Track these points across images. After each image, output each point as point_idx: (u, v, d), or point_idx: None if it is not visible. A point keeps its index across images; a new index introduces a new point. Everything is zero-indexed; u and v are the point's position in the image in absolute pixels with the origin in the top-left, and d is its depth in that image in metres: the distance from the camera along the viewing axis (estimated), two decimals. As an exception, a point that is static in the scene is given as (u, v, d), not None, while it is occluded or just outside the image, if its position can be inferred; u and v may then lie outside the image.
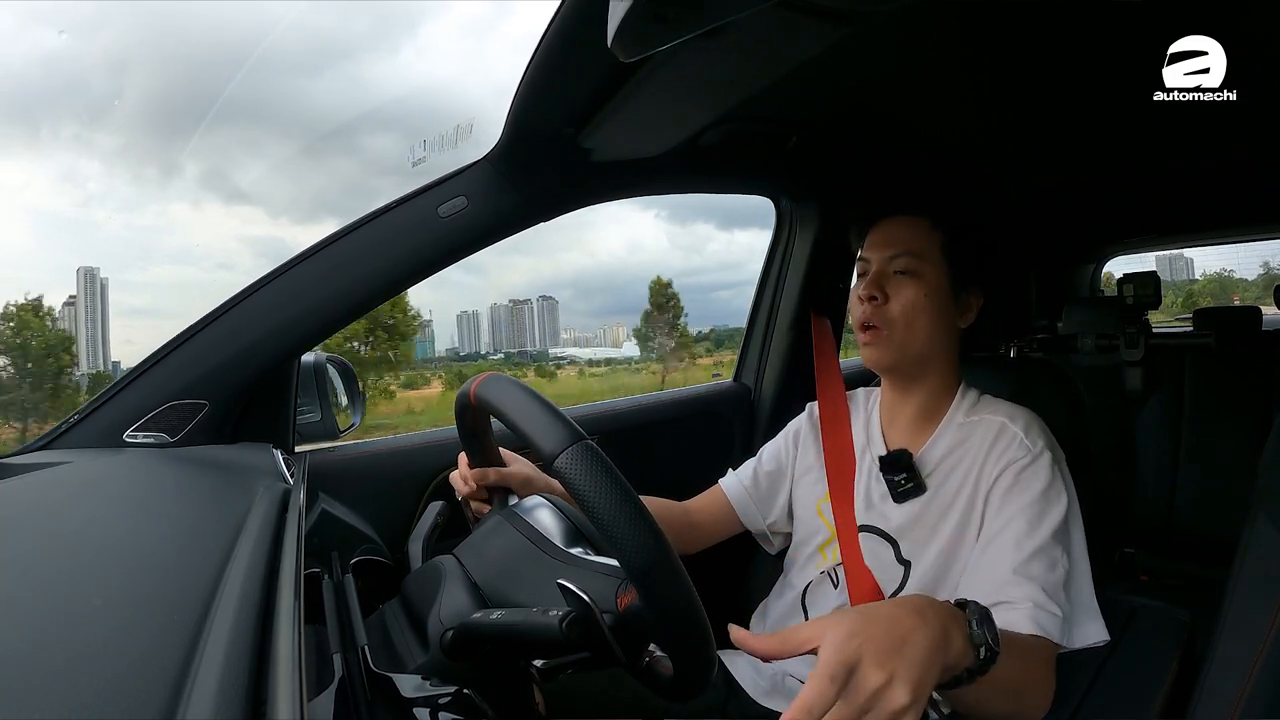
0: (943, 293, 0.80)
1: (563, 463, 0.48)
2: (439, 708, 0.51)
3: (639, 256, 45.53)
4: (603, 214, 51.79)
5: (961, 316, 0.82)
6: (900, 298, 0.79)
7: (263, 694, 0.30)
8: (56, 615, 0.34)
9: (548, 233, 44.29)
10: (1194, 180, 1.43)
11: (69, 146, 41.77)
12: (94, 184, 42.15)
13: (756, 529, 0.96)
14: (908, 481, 0.80)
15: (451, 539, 0.68)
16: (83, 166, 41.90)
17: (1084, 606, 0.72)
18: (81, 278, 20.12)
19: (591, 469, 0.47)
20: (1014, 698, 0.61)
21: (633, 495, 0.47)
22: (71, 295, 19.70)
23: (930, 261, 0.80)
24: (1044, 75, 0.87)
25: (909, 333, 0.79)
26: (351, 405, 1.05)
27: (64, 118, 42.55)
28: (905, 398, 0.86)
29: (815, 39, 0.62)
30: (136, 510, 0.58)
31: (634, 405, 1.33)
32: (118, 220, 43.20)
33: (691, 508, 0.96)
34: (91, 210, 42.57)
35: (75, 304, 19.63)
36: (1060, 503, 0.73)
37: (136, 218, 45.34)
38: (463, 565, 0.60)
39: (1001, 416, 0.79)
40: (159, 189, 44.73)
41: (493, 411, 0.57)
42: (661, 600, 0.47)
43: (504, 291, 40.78)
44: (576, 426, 0.49)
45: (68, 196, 44.11)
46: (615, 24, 0.48)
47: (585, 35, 0.60)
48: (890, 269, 0.80)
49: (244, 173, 46.59)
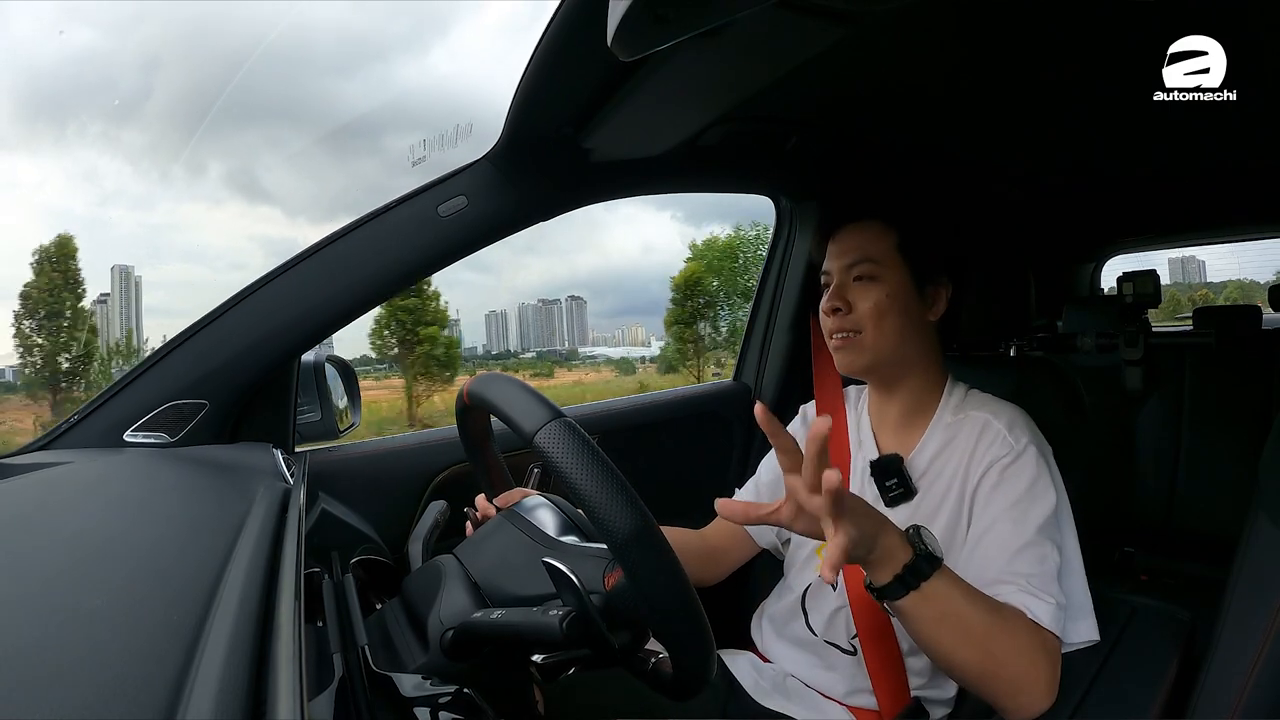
0: (905, 290, 0.80)
1: (542, 438, 0.49)
2: (439, 707, 0.51)
3: (653, 257, 45.53)
4: (617, 214, 51.52)
5: (930, 310, 0.82)
6: (863, 303, 0.80)
7: (263, 694, 0.30)
8: (56, 615, 0.34)
9: (559, 233, 43.28)
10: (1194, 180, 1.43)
11: (91, 143, 41.75)
12: (111, 182, 42.06)
13: (769, 542, 0.96)
14: (898, 487, 0.80)
15: (451, 539, 0.68)
16: (103, 164, 41.85)
17: (1076, 603, 0.71)
18: (116, 276, 20.01)
19: (570, 443, 0.48)
20: (984, 647, 0.61)
21: (612, 468, 0.48)
22: (103, 293, 19.58)
23: (887, 263, 0.80)
24: (1044, 75, 0.87)
25: (878, 335, 0.79)
26: (351, 405, 1.05)
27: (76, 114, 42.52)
28: (890, 398, 0.86)
29: (815, 39, 0.62)
30: (136, 510, 0.58)
31: (634, 405, 1.33)
32: (132, 219, 42.99)
33: (708, 534, 0.97)
34: (110, 209, 42.45)
35: (109, 302, 19.55)
36: (1047, 497, 0.72)
37: (147, 215, 45.10)
38: (463, 565, 0.60)
39: (986, 413, 0.79)
40: (176, 187, 44.62)
41: (480, 403, 0.59)
42: (644, 571, 0.47)
43: (518, 292, 40.68)
44: (554, 406, 0.51)
45: (85, 195, 44.11)
46: (615, 24, 0.48)
47: (585, 35, 0.60)
48: (849, 278, 0.81)
49: (267, 172, 46.28)
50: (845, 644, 0.82)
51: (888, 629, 0.78)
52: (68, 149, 39.97)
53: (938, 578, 0.60)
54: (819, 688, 0.83)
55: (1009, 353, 1.31)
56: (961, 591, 0.62)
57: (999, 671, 0.62)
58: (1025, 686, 0.62)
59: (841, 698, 0.81)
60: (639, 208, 49.49)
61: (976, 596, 0.63)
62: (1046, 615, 0.65)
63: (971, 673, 0.63)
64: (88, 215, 40.93)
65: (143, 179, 44.95)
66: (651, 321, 32.67)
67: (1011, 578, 0.67)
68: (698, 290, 15.24)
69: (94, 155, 40.99)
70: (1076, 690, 0.67)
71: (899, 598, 0.60)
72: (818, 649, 0.83)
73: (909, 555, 0.59)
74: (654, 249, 47.13)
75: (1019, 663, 0.62)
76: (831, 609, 0.83)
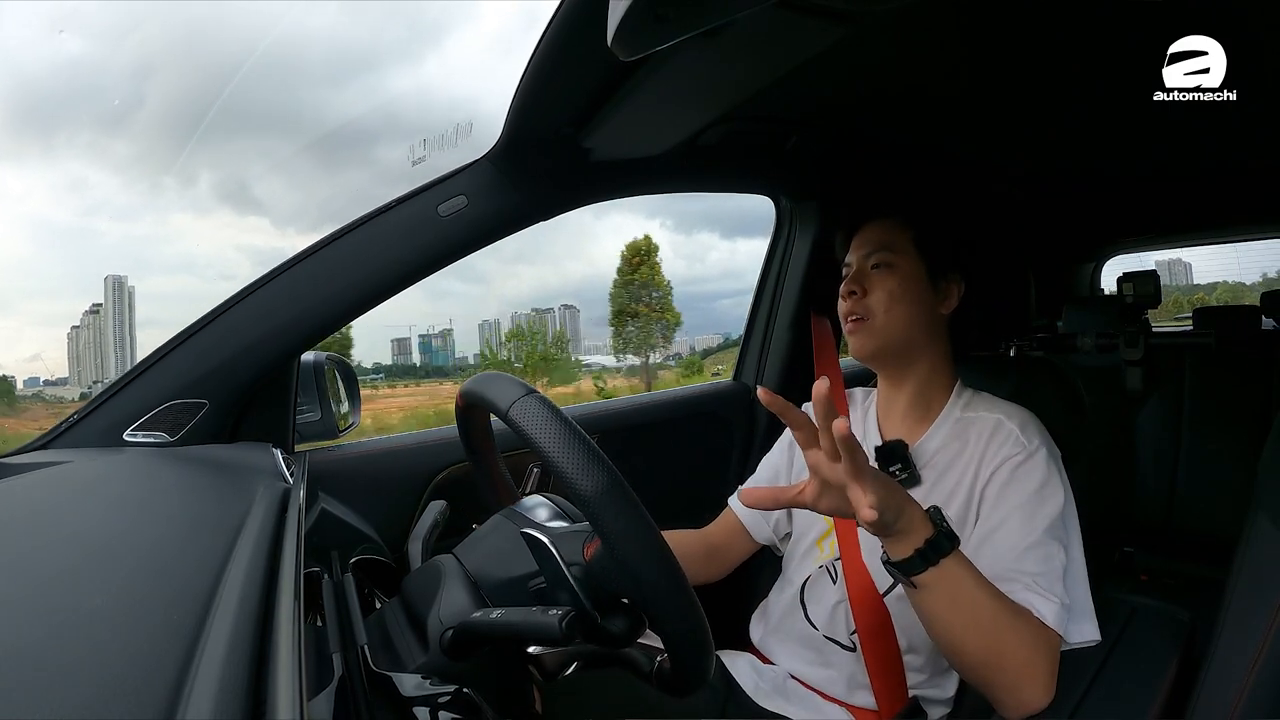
0: (919, 280, 0.83)
1: (515, 412, 0.51)
2: (439, 707, 0.51)
3: None
4: (606, 223, 51.29)
5: (942, 303, 0.85)
6: (878, 289, 0.83)
7: (262, 693, 0.30)
8: (56, 615, 0.34)
9: (548, 241, 43.60)
10: (1194, 180, 1.43)
11: (79, 153, 41.51)
12: (99, 191, 41.76)
13: (767, 539, 0.97)
14: (903, 472, 0.81)
15: (451, 538, 0.68)
16: (90, 174, 41.62)
17: (1078, 605, 0.72)
18: (109, 286, 19.57)
19: (539, 413, 0.50)
20: (989, 637, 0.62)
21: (580, 433, 0.49)
22: (95, 304, 19.18)
23: (903, 254, 0.84)
24: (1044, 75, 0.87)
25: (889, 319, 0.83)
26: (351, 405, 1.05)
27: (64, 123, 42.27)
28: (899, 388, 0.87)
29: (815, 39, 0.62)
30: (136, 510, 0.58)
31: (634, 405, 1.33)
32: (119, 229, 42.69)
33: (708, 533, 0.99)
34: (97, 219, 42.22)
35: (101, 312, 19.11)
36: (1056, 499, 0.73)
37: (134, 227, 44.74)
38: (462, 564, 0.60)
39: (998, 413, 0.80)
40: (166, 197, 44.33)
41: (467, 397, 0.61)
42: (613, 526, 0.47)
43: (508, 301, 40.58)
44: (527, 385, 0.53)
45: (71, 205, 43.91)
46: (615, 24, 0.48)
47: (585, 35, 0.60)
48: (868, 266, 0.85)
49: (259, 182, 45.96)
50: (845, 640, 0.82)
51: (887, 625, 0.79)
52: (56, 159, 39.72)
53: (955, 557, 0.61)
54: (818, 686, 0.83)
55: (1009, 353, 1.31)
56: (974, 577, 0.63)
57: (1002, 663, 0.63)
58: (1026, 681, 0.63)
59: (841, 696, 0.81)
60: (628, 215, 49.17)
61: (988, 584, 0.64)
62: (1051, 614, 0.66)
63: (975, 660, 0.63)
64: (74, 225, 40.69)
65: (131, 189, 44.73)
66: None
67: (1018, 575, 0.68)
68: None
69: (81, 165, 40.77)
70: (1076, 690, 0.67)
71: (919, 572, 0.60)
72: (817, 644, 0.84)
73: (930, 530, 0.60)
74: (644, 258, 47.12)
75: (1022, 655, 0.63)
76: (831, 603, 0.83)
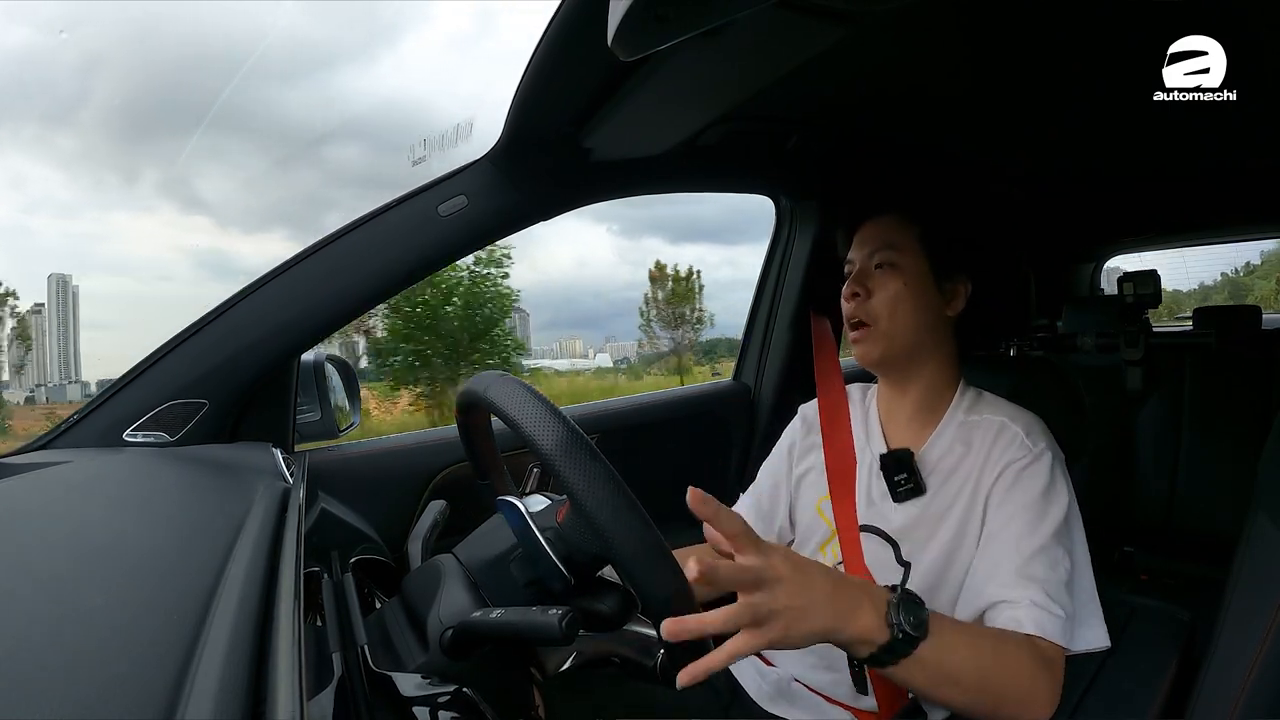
0: (924, 280, 0.80)
1: (491, 393, 0.54)
2: (438, 707, 0.52)
3: (587, 271, 45.48)
4: (551, 229, 51.33)
5: (948, 305, 0.82)
6: (882, 290, 0.81)
7: (262, 693, 0.30)
8: (56, 615, 0.34)
9: (494, 246, 44.10)
10: (1194, 180, 1.43)
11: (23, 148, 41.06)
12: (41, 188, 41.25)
13: (772, 539, 0.96)
14: (908, 482, 0.80)
15: (451, 538, 0.68)
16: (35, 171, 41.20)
17: (1085, 610, 0.71)
18: (52, 285, 19.19)
19: (508, 388, 0.53)
20: (979, 690, 0.60)
21: (545, 401, 0.51)
22: (38, 303, 18.53)
23: (908, 252, 0.81)
24: (1044, 75, 0.87)
25: (893, 323, 0.80)
26: (351, 404, 1.05)
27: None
28: (902, 393, 0.85)
29: (815, 39, 0.62)
30: (136, 510, 0.58)
31: (633, 405, 1.33)
32: (60, 227, 42.11)
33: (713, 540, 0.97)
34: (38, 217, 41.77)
35: (44, 312, 18.49)
36: (1061, 503, 0.72)
37: (74, 224, 44.07)
38: (462, 564, 0.60)
39: (1002, 416, 0.79)
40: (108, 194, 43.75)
41: (465, 396, 0.62)
42: (575, 479, 0.48)
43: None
44: (505, 372, 0.56)
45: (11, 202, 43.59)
46: (615, 24, 0.48)
47: (585, 35, 0.60)
48: (871, 265, 0.82)
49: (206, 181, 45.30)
50: None
51: None
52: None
53: (923, 647, 0.56)
54: (821, 689, 0.82)
55: (1009, 353, 1.31)
56: (951, 648, 0.58)
57: (1000, 704, 0.62)
58: (1027, 708, 0.62)
59: (844, 699, 0.81)
60: (575, 220, 49.16)
61: (969, 644, 0.61)
62: (1056, 630, 0.65)
63: (971, 710, 0.62)
64: (11, 222, 40.28)
65: (73, 185, 44.23)
66: (589, 334, 33.33)
67: (1023, 584, 0.67)
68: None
69: (22, 160, 40.30)
70: (1076, 690, 0.67)
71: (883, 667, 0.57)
72: (819, 648, 0.83)
73: (885, 637, 0.55)
74: (588, 263, 47.10)
75: (1021, 687, 0.62)
76: None
